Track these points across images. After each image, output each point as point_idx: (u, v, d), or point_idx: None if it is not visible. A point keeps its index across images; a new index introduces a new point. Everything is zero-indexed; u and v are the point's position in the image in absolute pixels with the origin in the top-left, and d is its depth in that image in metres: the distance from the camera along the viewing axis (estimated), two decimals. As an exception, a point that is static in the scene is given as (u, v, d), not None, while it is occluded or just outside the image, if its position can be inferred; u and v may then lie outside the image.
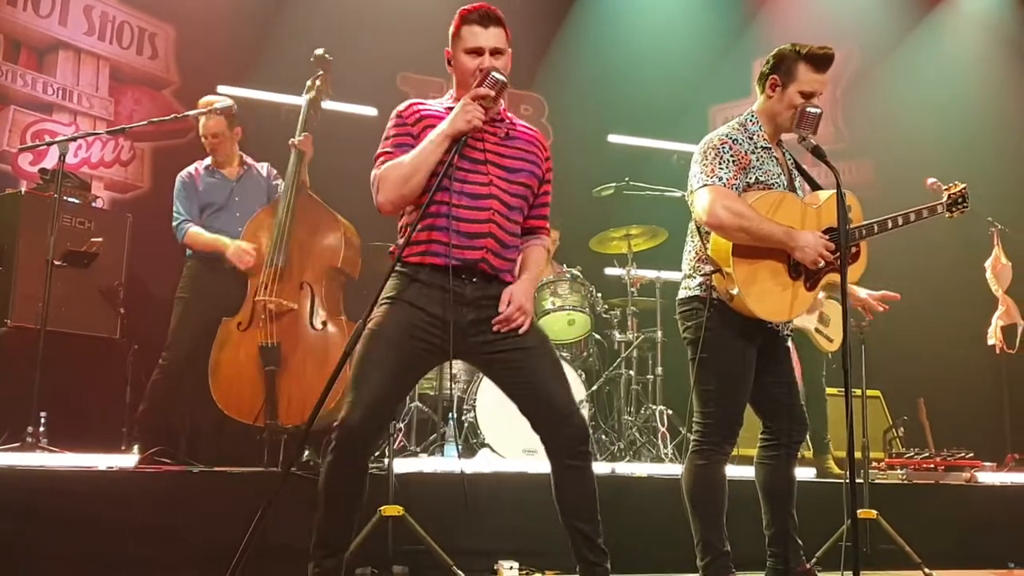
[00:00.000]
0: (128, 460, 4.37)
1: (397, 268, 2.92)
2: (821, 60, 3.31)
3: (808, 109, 3.26)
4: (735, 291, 3.22)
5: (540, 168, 3.08)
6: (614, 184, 6.28)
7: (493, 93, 2.87)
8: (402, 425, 5.45)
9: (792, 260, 3.29)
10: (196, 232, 4.93)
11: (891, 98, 8.12)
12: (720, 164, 3.27)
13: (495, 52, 2.95)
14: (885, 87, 8.18)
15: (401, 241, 2.95)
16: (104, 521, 3.69)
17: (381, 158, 2.94)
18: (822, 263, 3.26)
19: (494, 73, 2.88)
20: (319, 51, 4.89)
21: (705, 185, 3.26)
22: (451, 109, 2.93)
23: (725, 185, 3.24)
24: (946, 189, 3.68)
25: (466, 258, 2.88)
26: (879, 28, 8.22)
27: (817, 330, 5.34)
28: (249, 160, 5.21)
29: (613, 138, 7.94)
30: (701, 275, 3.37)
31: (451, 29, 3.02)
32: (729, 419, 3.33)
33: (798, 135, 3.27)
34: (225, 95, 5.25)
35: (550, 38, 7.76)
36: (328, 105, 5.01)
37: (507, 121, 3.07)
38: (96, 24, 6.48)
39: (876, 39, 8.26)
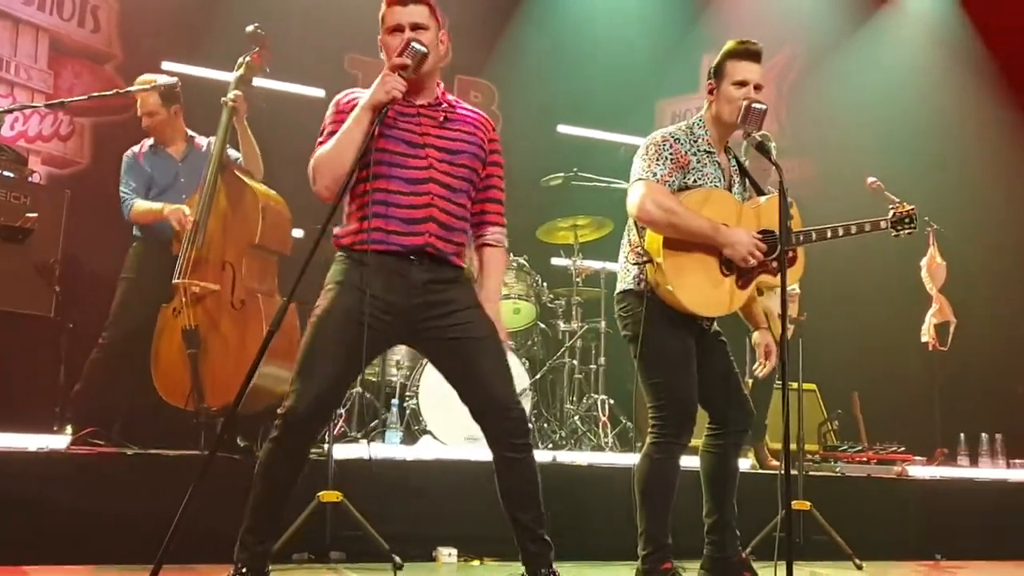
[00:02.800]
0: (60, 441, 4.29)
1: (341, 254, 2.94)
2: (743, 52, 3.41)
3: (753, 105, 3.30)
4: (668, 287, 3.26)
5: (483, 150, 3.06)
6: (562, 174, 6.32)
7: (411, 62, 2.86)
8: (343, 411, 5.41)
9: (724, 256, 3.34)
10: (139, 207, 4.82)
11: (835, 97, 8.25)
12: (658, 160, 3.34)
13: (416, 27, 2.93)
14: (830, 86, 8.30)
15: (347, 227, 2.95)
16: (35, 502, 3.63)
17: (317, 148, 2.94)
18: (752, 261, 3.31)
19: (414, 44, 2.87)
20: (250, 27, 4.75)
21: (640, 179, 3.33)
22: None
23: (659, 181, 3.30)
24: (894, 208, 3.73)
25: (407, 244, 2.88)
26: (825, 27, 8.33)
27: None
28: (197, 137, 5.07)
29: (562, 128, 7.95)
30: (635, 266, 3.41)
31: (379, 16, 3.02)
32: (683, 408, 3.35)
33: (744, 131, 3.33)
34: (169, 72, 5.14)
35: (502, 26, 7.73)
36: (276, 85, 4.93)
37: (445, 104, 3.05)
38: (35, -7, 6.30)
39: (822, 38, 8.37)
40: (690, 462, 3.61)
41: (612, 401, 6.00)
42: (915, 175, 7.10)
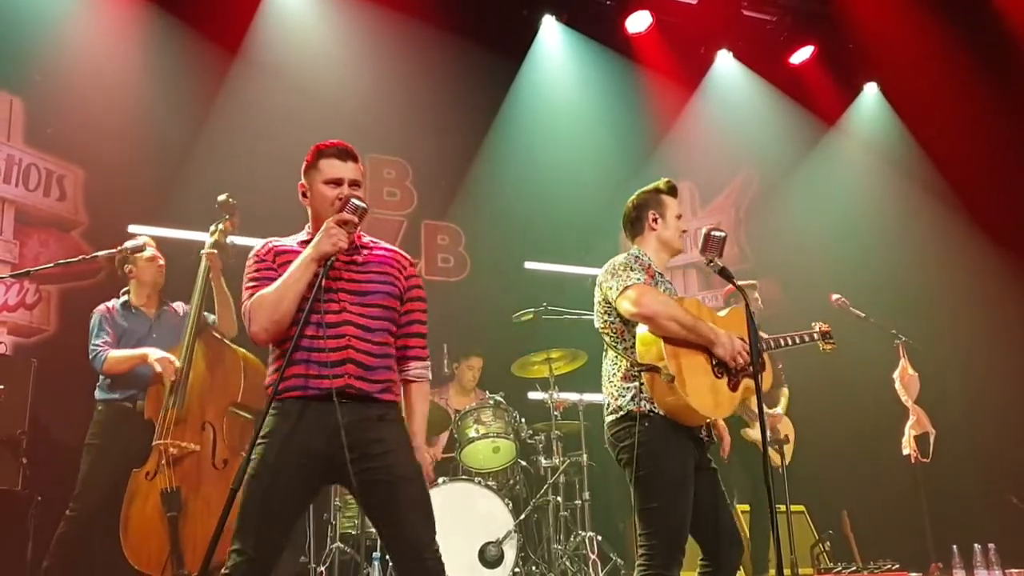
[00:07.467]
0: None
1: (272, 405, 2.88)
2: (674, 188, 3.69)
3: (713, 233, 3.37)
4: (680, 388, 3.22)
5: (398, 287, 3.06)
6: (533, 309, 6.35)
7: (356, 219, 2.94)
8: (323, 568, 5.23)
9: (714, 359, 3.36)
10: (115, 355, 4.74)
11: (792, 217, 8.47)
12: (632, 271, 3.42)
13: (353, 184, 3.02)
14: (785, 208, 8.53)
15: (273, 377, 2.93)
16: None
17: (247, 292, 2.94)
18: (740, 361, 3.34)
19: (354, 200, 2.95)
20: (222, 197, 4.89)
21: (628, 287, 3.36)
22: (306, 243, 2.97)
23: (643, 284, 3.36)
24: (819, 325, 3.92)
25: (323, 387, 2.84)
26: (777, 151, 8.63)
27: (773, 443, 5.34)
28: (173, 303, 5.11)
29: (529, 265, 8.07)
30: (631, 386, 3.37)
31: (305, 163, 3.07)
32: (673, 538, 3.26)
33: (705, 258, 3.38)
34: (136, 234, 5.20)
35: (464, 171, 7.94)
36: (238, 240, 5.00)
37: (362, 247, 3.07)
38: (1, 167, 6.39)
39: (774, 163, 8.67)
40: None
41: (600, 538, 5.87)
42: (877, 289, 7.23)
